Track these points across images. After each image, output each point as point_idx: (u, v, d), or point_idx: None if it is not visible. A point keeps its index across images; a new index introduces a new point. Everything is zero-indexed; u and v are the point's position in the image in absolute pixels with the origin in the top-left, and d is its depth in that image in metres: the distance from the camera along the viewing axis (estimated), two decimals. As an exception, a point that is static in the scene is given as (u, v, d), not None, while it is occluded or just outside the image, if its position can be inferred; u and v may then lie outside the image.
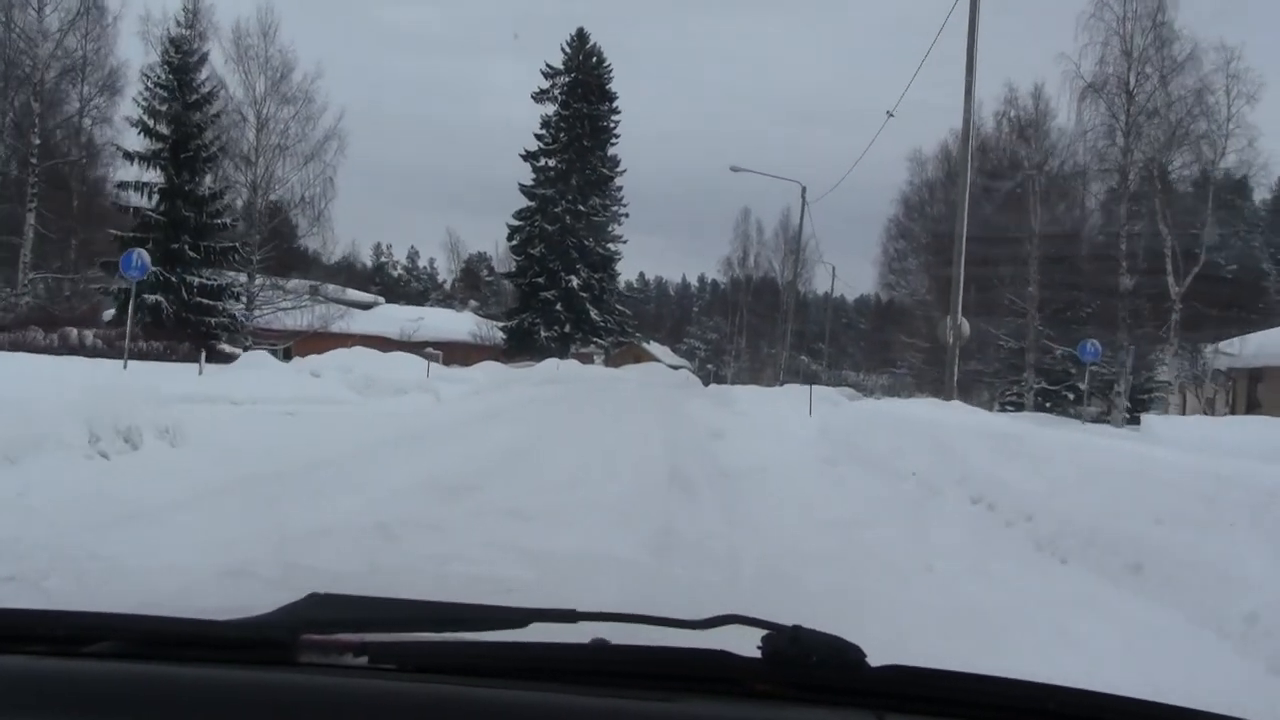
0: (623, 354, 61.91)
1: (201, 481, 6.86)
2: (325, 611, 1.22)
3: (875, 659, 1.09)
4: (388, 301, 68.47)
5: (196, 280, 26.42)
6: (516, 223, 50.40)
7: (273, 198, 33.64)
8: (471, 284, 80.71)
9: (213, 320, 26.72)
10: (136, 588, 3.86)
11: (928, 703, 1.07)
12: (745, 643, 1.10)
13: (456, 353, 51.21)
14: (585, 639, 1.17)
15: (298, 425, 11.28)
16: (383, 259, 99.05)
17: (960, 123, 15.94)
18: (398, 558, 4.98)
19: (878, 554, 5.83)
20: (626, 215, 51.95)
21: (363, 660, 1.13)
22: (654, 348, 73.52)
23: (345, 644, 1.15)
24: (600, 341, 51.48)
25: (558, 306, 48.75)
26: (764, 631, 1.10)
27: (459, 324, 53.26)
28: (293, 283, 32.81)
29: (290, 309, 33.43)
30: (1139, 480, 5.90)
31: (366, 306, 59.52)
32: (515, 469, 9.13)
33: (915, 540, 6.37)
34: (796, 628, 1.10)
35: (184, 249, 26.12)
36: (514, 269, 51.29)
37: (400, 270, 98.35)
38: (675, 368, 61.58)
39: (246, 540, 4.99)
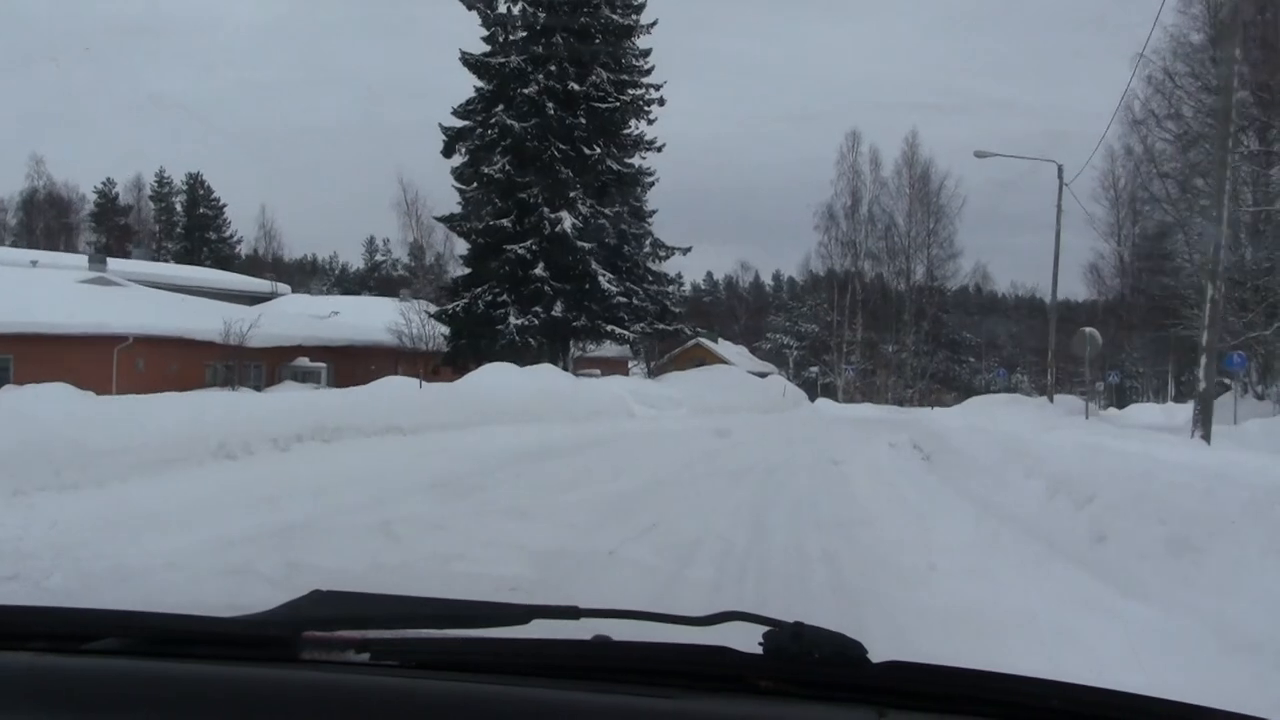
0: (678, 359, 39.96)
1: None
2: (327, 608, 1.21)
3: None
4: (327, 294, 47.88)
5: None
6: (458, 123, 27.50)
7: None
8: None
9: None
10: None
11: (929, 699, 1.05)
12: (747, 639, 1.09)
13: (371, 361, 28.97)
14: (587, 635, 1.16)
15: None
16: (379, 257, 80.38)
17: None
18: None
19: None
20: (661, 101, 28.30)
21: (365, 657, 1.12)
22: (725, 348, 50.31)
23: (347, 640, 1.14)
24: (624, 332, 27.83)
25: (539, 269, 25.75)
26: (766, 628, 1.10)
27: (379, 318, 30.78)
28: None
29: None
30: None
31: (261, 299, 38.14)
32: None
33: None
34: (798, 624, 1.09)
35: None
36: (458, 209, 28.19)
37: (401, 270, 79.53)
38: (761, 375, 38.57)
39: None
